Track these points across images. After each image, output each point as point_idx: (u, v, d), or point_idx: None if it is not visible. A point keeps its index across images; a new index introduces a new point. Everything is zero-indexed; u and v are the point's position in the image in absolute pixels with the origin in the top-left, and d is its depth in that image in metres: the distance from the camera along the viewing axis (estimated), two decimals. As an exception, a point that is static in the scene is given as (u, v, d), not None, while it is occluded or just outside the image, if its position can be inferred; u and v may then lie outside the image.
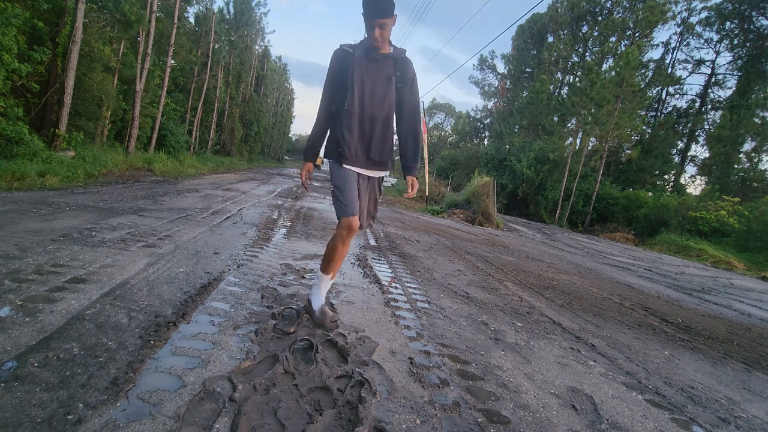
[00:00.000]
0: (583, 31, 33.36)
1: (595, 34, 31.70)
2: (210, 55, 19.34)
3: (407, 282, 3.33)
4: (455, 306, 2.89)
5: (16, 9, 6.36)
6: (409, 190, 2.13)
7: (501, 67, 42.92)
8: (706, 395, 2.13)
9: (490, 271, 4.65)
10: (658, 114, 30.04)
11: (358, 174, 2.00)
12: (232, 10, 23.26)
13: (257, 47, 29.31)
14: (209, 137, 22.28)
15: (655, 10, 26.25)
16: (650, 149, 26.21)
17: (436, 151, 47.76)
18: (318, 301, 2.05)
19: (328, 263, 2.03)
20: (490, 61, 43.64)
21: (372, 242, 5.03)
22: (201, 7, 20.53)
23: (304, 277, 2.89)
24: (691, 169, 30.58)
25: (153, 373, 1.38)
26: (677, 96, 31.08)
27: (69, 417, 1.10)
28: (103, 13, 10.07)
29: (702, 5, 28.36)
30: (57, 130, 7.66)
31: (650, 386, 2.10)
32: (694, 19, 29.08)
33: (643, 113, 26.86)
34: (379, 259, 4.03)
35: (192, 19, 20.82)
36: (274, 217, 5.65)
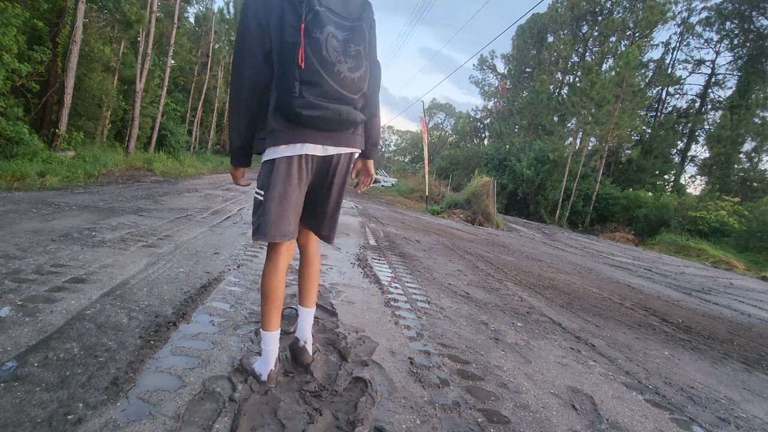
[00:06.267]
0: (583, 31, 33.38)
1: (595, 34, 31.72)
2: (210, 55, 19.36)
3: (407, 282, 3.33)
4: (455, 306, 2.89)
5: (16, 9, 6.36)
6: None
7: (501, 67, 43.00)
8: (706, 395, 2.13)
9: (490, 271, 4.65)
10: (658, 114, 30.05)
11: None
12: (232, 10, 23.26)
13: (257, 47, 29.29)
14: (209, 137, 22.29)
15: (655, 10, 26.27)
16: (650, 149, 26.21)
17: (436, 151, 47.76)
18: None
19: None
20: (490, 61, 43.69)
21: (372, 242, 5.03)
22: (201, 7, 20.56)
23: (304, 277, 2.89)
24: (691, 169, 30.64)
25: (153, 373, 1.38)
26: (677, 96, 31.12)
27: (69, 417, 1.10)
28: (103, 13, 10.09)
29: (702, 5, 28.42)
30: (57, 130, 7.67)
31: (650, 386, 2.09)
32: (694, 19, 29.14)
33: (643, 113, 26.88)
34: (379, 259, 4.03)
35: (192, 19, 20.85)
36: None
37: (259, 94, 1.28)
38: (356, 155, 1.45)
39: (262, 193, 1.33)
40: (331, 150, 1.32)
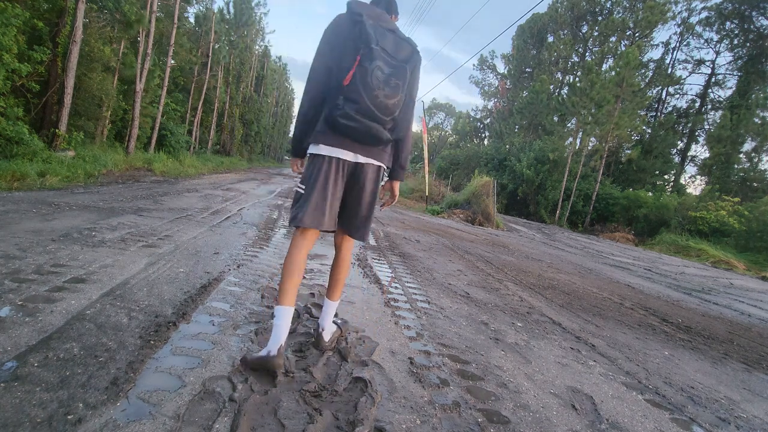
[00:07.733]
0: (583, 31, 33.38)
1: (595, 34, 31.72)
2: (210, 55, 19.33)
3: (407, 282, 3.33)
4: (455, 306, 2.89)
5: (16, 9, 6.35)
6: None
7: (501, 67, 42.97)
8: (706, 395, 2.13)
9: (490, 271, 4.65)
10: (658, 114, 30.04)
11: None
12: (232, 10, 23.26)
13: (257, 47, 29.27)
14: (209, 137, 22.27)
15: (655, 10, 26.28)
16: (650, 149, 26.21)
17: (436, 151, 47.75)
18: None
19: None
20: (490, 61, 43.67)
21: (372, 242, 5.03)
22: (201, 7, 20.50)
23: (304, 277, 2.88)
24: (691, 169, 30.62)
25: (153, 373, 1.38)
26: (677, 96, 31.12)
27: (69, 417, 1.10)
28: (103, 13, 10.07)
29: (702, 5, 28.42)
30: (57, 130, 7.66)
31: (650, 386, 2.10)
32: (694, 19, 29.13)
33: (643, 113, 26.88)
34: (379, 259, 4.03)
35: (192, 19, 20.79)
36: (275, 216, 5.65)
37: (317, 105, 1.59)
38: (384, 170, 1.70)
39: (303, 187, 1.59)
40: (361, 159, 1.59)
